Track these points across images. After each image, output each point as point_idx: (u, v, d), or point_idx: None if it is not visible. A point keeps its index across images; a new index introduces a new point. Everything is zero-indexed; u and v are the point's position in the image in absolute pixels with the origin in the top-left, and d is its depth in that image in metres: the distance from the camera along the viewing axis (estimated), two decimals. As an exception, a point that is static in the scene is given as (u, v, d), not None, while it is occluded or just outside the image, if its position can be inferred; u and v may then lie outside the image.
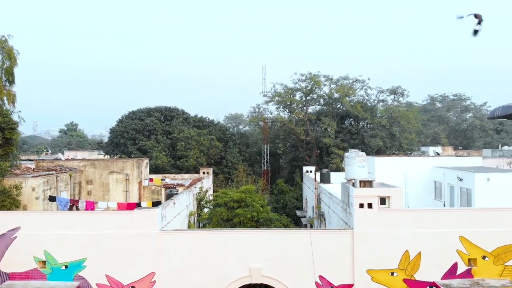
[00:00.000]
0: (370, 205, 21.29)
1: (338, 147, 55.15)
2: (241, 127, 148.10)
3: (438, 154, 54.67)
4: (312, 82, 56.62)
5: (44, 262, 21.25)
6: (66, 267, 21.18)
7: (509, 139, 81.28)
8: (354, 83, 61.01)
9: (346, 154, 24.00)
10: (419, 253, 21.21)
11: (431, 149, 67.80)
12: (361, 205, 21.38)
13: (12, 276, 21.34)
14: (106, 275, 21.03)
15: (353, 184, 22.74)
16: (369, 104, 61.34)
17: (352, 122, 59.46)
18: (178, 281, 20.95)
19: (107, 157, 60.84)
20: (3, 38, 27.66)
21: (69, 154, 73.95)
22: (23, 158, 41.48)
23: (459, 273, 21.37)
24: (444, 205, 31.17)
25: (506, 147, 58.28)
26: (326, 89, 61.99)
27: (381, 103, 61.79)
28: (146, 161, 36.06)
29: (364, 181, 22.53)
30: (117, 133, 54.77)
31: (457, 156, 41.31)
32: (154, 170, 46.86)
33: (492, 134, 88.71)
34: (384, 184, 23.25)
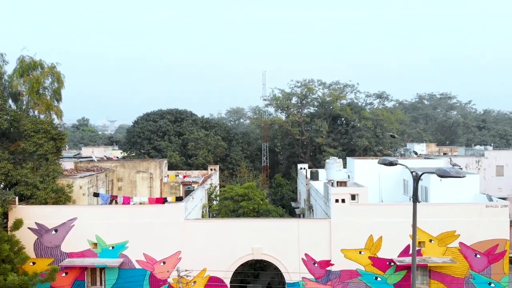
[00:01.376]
0: (343, 200, 27.42)
1: (330, 146, 61.18)
2: (242, 120, 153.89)
3: (416, 153, 60.64)
4: (306, 88, 62.58)
5: (95, 244, 27.43)
6: (112, 247, 27.38)
7: (489, 136, 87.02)
8: (345, 87, 67.01)
9: (327, 160, 30.17)
10: (381, 237, 27.38)
11: (416, 146, 73.78)
12: (337, 200, 27.52)
13: (70, 255, 27.51)
14: (143, 253, 27.24)
15: (332, 184, 28.88)
16: (359, 105, 67.26)
17: (343, 123, 65.37)
18: (198, 257, 27.10)
19: (124, 154, 66.97)
20: (52, 65, 33.51)
21: (86, 150, 79.74)
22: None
23: (411, 252, 27.56)
24: (410, 199, 37.14)
25: (477, 147, 63.98)
26: (319, 93, 67.97)
27: (369, 106, 67.82)
28: (165, 161, 42.14)
29: (340, 182, 28.67)
30: (134, 133, 60.78)
31: (426, 158, 46.95)
32: (168, 167, 52.79)
33: (475, 131, 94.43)
34: (356, 184, 29.38)
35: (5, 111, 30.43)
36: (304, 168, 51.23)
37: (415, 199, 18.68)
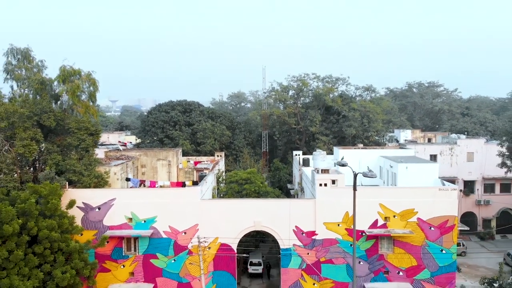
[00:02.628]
0: (326, 184, 34.21)
1: (322, 134, 67.82)
2: (243, 104, 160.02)
3: (397, 141, 67.23)
4: (301, 83, 68.98)
5: (130, 218, 34.31)
6: (144, 221, 34.28)
7: (470, 122, 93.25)
8: (337, 80, 73.43)
9: (314, 153, 36.99)
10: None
11: (402, 134, 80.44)
12: (321, 184, 34.33)
13: (111, 227, 34.39)
14: (168, 225, 34.16)
15: (317, 171, 35.65)
16: (349, 96, 73.70)
17: (334, 113, 71.83)
18: (211, 228, 33.93)
19: (138, 140, 73.76)
20: (89, 72, 39.81)
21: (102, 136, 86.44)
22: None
23: (379, 225, 34.45)
24: (384, 183, 43.92)
25: (453, 135, 70.33)
26: (314, 85, 74.39)
27: (358, 98, 74.27)
28: (180, 150, 48.89)
29: (324, 170, 35.45)
30: (148, 122, 67.40)
31: (401, 148, 53.43)
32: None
33: (459, 117, 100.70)
34: (337, 172, 36.17)
35: (52, 112, 36.94)
36: (298, 155, 58.04)
37: (354, 188, 25.47)
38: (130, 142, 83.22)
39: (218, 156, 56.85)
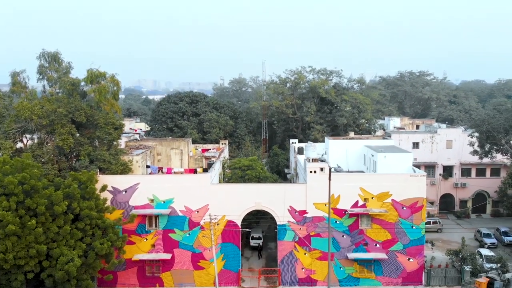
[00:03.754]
0: (315, 172, 40.35)
1: (317, 123, 73.75)
2: (244, 89, 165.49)
3: (384, 130, 73.17)
4: (298, 76, 74.71)
5: (152, 200, 40.52)
6: (163, 202, 40.50)
7: (456, 110, 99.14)
8: (331, 73, 79.10)
9: (306, 144, 43.04)
10: (339, 195, 40.35)
11: (391, 122, 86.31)
12: (311, 171, 40.48)
13: (136, 207, 40.56)
14: (184, 205, 40.41)
15: (308, 160, 41.78)
16: (343, 87, 79.41)
17: (328, 104, 77.60)
18: (219, 208, 40.10)
19: (147, 128, 79.91)
20: (113, 74, 45.60)
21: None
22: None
23: (359, 205, 40.66)
24: (367, 169, 49.95)
25: (435, 124, 76.13)
26: (310, 77, 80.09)
27: (351, 89, 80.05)
28: (190, 140, 55.01)
29: (314, 159, 41.56)
30: (159, 113, 73.42)
31: (384, 138, 59.04)
32: (188, 141, 65.39)
33: (446, 105, 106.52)
34: (324, 161, 42.31)
35: (83, 110, 42.88)
36: (294, 143, 64.12)
37: (329, 178, 31.45)
38: (141, 129, 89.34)
39: (222, 144, 62.91)
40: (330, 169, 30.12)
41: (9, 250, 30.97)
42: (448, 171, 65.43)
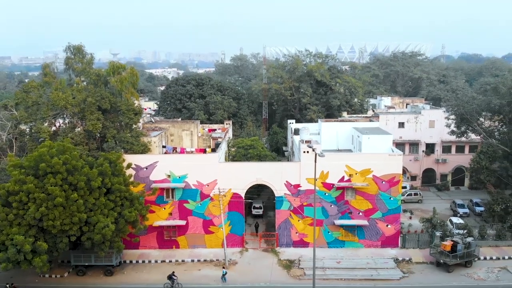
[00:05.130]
0: (308, 152, 46.85)
1: (313, 104, 79.86)
2: (244, 66, 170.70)
3: (373, 110, 79.30)
4: (295, 61, 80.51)
5: (169, 175, 47.14)
6: (179, 177, 47.14)
7: (444, 90, 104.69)
8: (326, 57, 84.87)
9: (300, 127, 49.42)
10: (328, 171, 47.01)
11: (382, 102, 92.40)
12: (304, 152, 47.00)
13: (155, 182, 47.18)
14: (196, 180, 47.07)
15: (302, 142, 48.26)
16: (337, 70, 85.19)
17: (323, 86, 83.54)
18: (226, 182, 46.71)
19: (155, 106, 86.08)
20: (132, 66, 51.50)
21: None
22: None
23: (345, 180, 47.35)
24: (354, 148, 56.34)
25: (421, 105, 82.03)
26: (307, 60, 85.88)
27: (345, 72, 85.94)
28: (198, 122, 61.41)
29: (307, 140, 48.05)
30: (168, 94, 79.51)
31: (371, 121, 65.30)
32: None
33: (436, 84, 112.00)
34: (316, 142, 48.81)
35: (108, 98, 49.03)
36: (292, 123, 70.47)
37: (315, 160, 37.78)
38: (150, 108, 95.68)
39: (227, 124, 69.24)
40: (316, 154, 36.35)
41: (57, 218, 37.62)
42: (430, 148, 71.65)
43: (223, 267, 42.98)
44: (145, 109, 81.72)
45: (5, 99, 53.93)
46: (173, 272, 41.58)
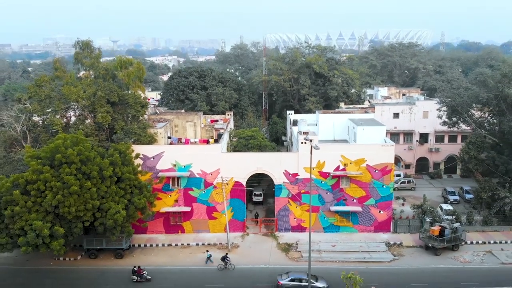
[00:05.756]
0: (305, 142, 49.60)
1: (311, 95, 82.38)
2: (245, 55, 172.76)
3: (370, 101, 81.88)
4: (294, 54, 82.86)
5: (175, 165, 49.92)
6: (184, 166, 49.91)
7: (439, 80, 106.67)
8: (325, 49, 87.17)
9: (298, 119, 52.14)
10: (324, 161, 49.81)
11: (379, 92, 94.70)
12: (302, 142, 49.76)
13: (162, 171, 49.92)
14: (200, 169, 49.91)
15: (300, 133, 50.99)
16: (335, 62, 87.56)
17: (321, 77, 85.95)
18: (228, 171, 49.54)
19: (158, 96, 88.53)
20: (139, 61, 54.03)
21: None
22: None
23: (340, 169, 50.15)
24: (350, 138, 59.06)
25: (415, 96, 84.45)
26: (306, 51, 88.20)
27: (342, 64, 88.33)
28: (201, 113, 64.07)
29: (304, 132, 50.77)
30: (171, 86, 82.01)
31: (367, 112, 67.77)
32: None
33: (432, 74, 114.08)
34: (313, 133, 51.55)
35: (116, 91, 51.55)
36: (291, 114, 73.12)
37: (311, 152, 40.50)
38: (153, 98, 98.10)
39: (228, 115, 71.80)
40: (311, 146, 39.11)
41: (72, 205, 40.45)
42: (424, 137, 74.33)
43: (207, 250, 46.07)
44: (149, 99, 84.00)
45: (18, 93, 56.44)
46: (226, 253, 44.51)
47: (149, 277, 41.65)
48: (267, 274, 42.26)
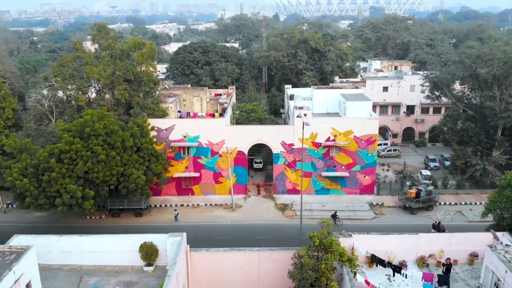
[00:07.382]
0: (299, 116, 55.97)
1: (308, 69, 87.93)
2: (245, 25, 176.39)
3: (361, 76, 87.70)
4: (292, 30, 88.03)
5: (185, 136, 56.40)
6: (193, 137, 56.40)
7: (429, 53, 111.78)
8: (321, 25, 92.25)
9: (295, 95, 58.45)
10: (317, 133, 56.21)
11: (373, 66, 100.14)
12: (297, 116, 56.13)
13: (173, 141, 56.34)
14: (207, 140, 56.45)
15: (296, 108, 57.32)
16: (331, 37, 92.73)
17: (318, 52, 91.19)
18: (232, 141, 55.90)
19: (164, 69, 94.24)
20: (151, 42, 59.55)
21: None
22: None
23: (330, 140, 56.73)
24: (340, 112, 65.27)
25: (404, 70, 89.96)
26: (304, 27, 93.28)
27: (338, 39, 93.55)
28: (207, 88, 70.10)
29: (299, 106, 57.11)
30: (177, 61, 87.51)
31: (357, 87, 73.65)
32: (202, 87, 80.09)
33: (423, 47, 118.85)
34: (306, 108, 57.88)
35: (131, 70, 57.44)
36: (288, 88, 79.11)
37: (303, 127, 47.03)
38: (159, 71, 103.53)
39: (230, 89, 77.78)
40: (303, 123, 45.53)
41: (100, 171, 47.10)
42: (410, 109, 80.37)
43: (175, 210, 53.27)
44: (155, 72, 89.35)
45: (45, 73, 62.25)
46: (336, 211, 51.07)
47: None
48: (266, 229, 49.59)
